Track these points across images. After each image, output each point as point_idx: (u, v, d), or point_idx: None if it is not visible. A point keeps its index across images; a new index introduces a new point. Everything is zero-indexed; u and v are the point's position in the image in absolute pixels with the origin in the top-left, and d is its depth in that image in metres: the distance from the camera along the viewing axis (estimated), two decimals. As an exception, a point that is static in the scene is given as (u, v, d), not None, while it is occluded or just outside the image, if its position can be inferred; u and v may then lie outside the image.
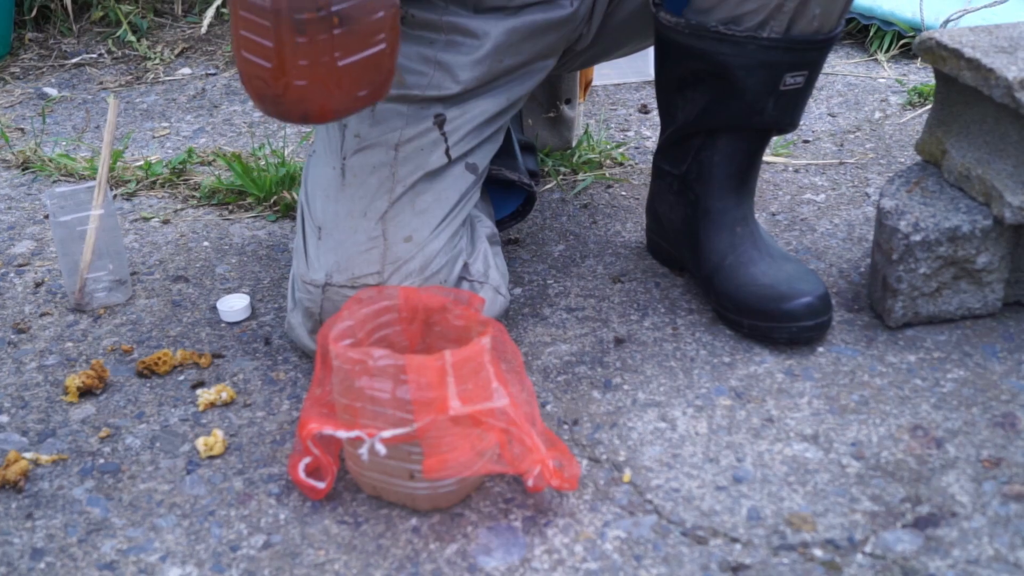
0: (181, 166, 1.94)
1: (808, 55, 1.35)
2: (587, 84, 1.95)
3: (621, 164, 1.90)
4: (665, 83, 1.45)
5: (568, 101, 1.89)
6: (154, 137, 2.14)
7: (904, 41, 2.38)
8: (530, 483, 1.08)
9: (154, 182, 1.90)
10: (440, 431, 1.05)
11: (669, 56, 1.41)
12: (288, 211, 1.77)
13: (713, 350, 1.37)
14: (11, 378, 1.38)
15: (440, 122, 1.34)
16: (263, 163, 1.88)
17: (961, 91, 1.37)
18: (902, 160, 1.87)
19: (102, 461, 1.23)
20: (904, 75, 2.27)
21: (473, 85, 1.36)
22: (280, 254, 1.65)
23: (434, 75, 1.33)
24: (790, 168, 1.86)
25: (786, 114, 1.39)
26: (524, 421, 1.08)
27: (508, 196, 1.59)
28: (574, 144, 1.93)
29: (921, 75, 2.26)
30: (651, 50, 1.63)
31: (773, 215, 1.69)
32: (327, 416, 1.11)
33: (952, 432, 1.21)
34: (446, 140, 1.34)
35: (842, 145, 1.95)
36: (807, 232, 1.64)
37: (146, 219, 1.79)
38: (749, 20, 1.31)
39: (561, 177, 1.85)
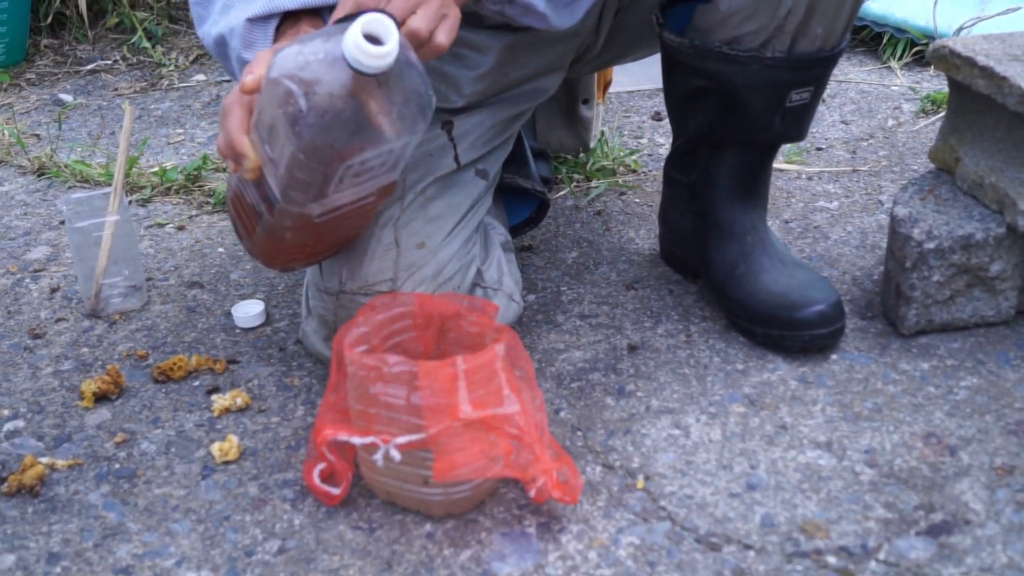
0: (196, 172, 1.95)
1: (813, 72, 1.35)
2: (606, 84, 1.94)
3: (634, 171, 1.90)
4: (673, 97, 1.45)
5: (586, 101, 1.89)
6: (169, 143, 2.15)
7: (917, 49, 2.38)
8: (532, 493, 1.09)
9: (169, 188, 1.91)
10: (452, 437, 1.05)
11: (675, 73, 1.42)
12: (302, 217, 1.78)
13: (726, 357, 1.37)
14: (27, 383, 1.39)
15: (448, 128, 1.34)
16: (277, 169, 1.89)
17: (975, 99, 1.37)
18: (915, 168, 1.87)
19: (118, 466, 1.23)
20: (917, 83, 2.27)
21: (477, 99, 1.36)
22: (294, 260, 1.66)
23: (439, 88, 1.33)
24: (803, 175, 1.86)
25: (793, 128, 1.40)
26: (533, 429, 1.08)
27: (521, 203, 1.59)
28: (592, 145, 1.93)
29: (934, 83, 2.26)
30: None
31: (786, 222, 1.69)
32: (342, 422, 1.11)
33: (966, 440, 1.21)
34: (455, 146, 1.35)
35: (855, 152, 1.95)
36: (820, 239, 1.64)
37: (161, 225, 1.80)
38: (751, 40, 1.31)
39: (574, 184, 1.85)
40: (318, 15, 1.20)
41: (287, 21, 1.19)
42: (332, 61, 1.02)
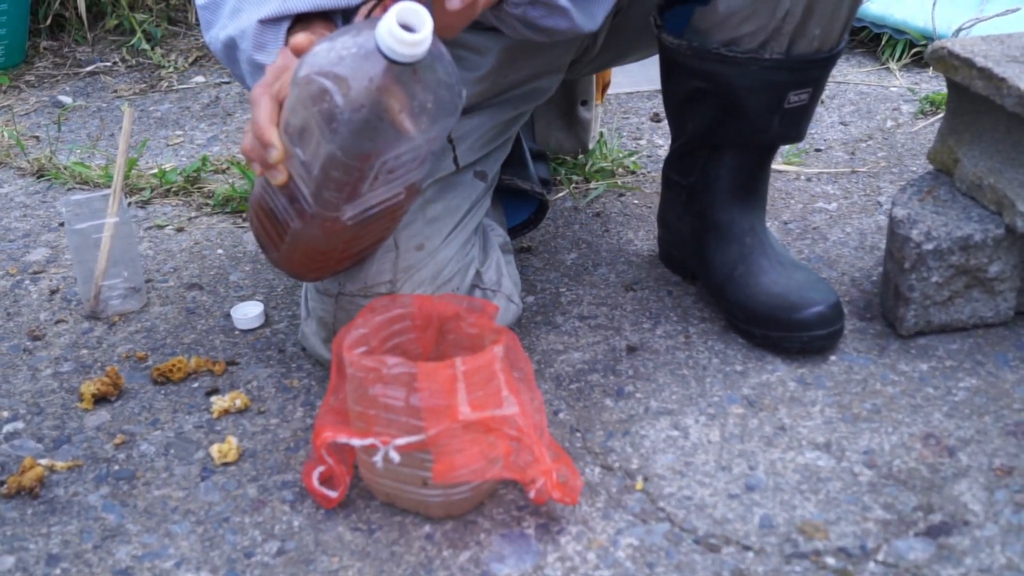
0: (195, 174, 1.95)
1: (811, 73, 1.35)
2: (604, 86, 1.94)
3: (633, 172, 1.90)
4: (671, 98, 1.45)
5: (584, 103, 1.89)
6: (168, 145, 2.15)
7: (916, 50, 2.38)
8: (532, 494, 1.09)
9: (168, 190, 1.91)
10: (451, 438, 1.05)
11: (673, 75, 1.42)
12: (301, 219, 1.78)
13: (725, 358, 1.37)
14: (26, 385, 1.39)
15: None
16: (276, 171, 1.89)
17: (973, 100, 1.37)
18: (914, 169, 1.87)
19: (117, 468, 1.23)
20: (916, 84, 2.27)
21: (476, 101, 1.36)
22: (293, 262, 1.66)
23: None
24: (802, 177, 1.86)
25: (792, 129, 1.40)
26: (532, 431, 1.08)
27: (520, 204, 1.59)
28: (591, 146, 1.93)
29: (933, 84, 2.26)
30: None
31: (785, 224, 1.69)
32: (341, 424, 1.11)
33: (964, 441, 1.21)
34: (454, 148, 1.35)
35: (854, 154, 1.95)
36: (819, 241, 1.64)
37: (160, 227, 1.80)
38: (748, 42, 1.31)
39: (573, 185, 1.85)
40: (329, 18, 1.20)
41: (299, 23, 1.19)
42: (365, 54, 1.00)
